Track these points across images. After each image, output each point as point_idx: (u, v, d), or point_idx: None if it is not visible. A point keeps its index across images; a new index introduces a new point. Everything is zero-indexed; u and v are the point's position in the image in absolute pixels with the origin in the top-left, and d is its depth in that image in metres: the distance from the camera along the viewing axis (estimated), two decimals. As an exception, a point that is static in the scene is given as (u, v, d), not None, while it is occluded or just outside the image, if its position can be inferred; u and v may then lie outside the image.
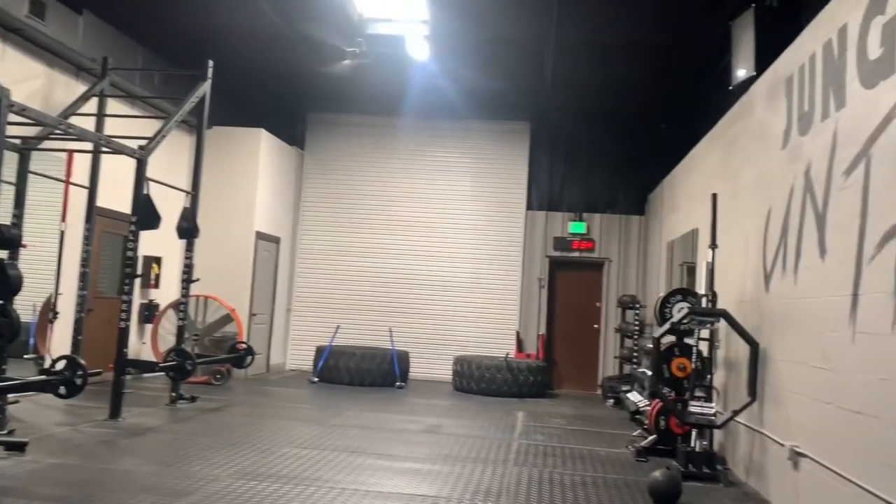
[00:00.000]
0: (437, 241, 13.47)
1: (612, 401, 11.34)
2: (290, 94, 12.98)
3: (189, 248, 8.88)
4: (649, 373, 8.07)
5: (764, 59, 6.57)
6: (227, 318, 11.14)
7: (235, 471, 5.63)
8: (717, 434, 7.06)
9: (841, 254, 4.61)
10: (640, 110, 12.34)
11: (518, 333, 13.16)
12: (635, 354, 11.32)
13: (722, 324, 6.73)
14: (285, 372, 13.16)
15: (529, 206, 13.46)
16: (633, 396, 9.69)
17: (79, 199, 8.70)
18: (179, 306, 9.08)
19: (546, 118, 13.16)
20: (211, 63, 9.07)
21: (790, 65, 5.88)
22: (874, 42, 4.31)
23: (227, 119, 11.59)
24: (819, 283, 4.97)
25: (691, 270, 9.27)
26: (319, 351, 12.15)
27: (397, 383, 11.79)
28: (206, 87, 9.00)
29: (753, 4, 6.95)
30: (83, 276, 8.65)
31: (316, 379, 11.86)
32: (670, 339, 7.51)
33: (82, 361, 6.20)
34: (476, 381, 11.65)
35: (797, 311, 5.39)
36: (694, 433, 6.63)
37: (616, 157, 13.35)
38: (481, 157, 13.56)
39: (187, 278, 8.83)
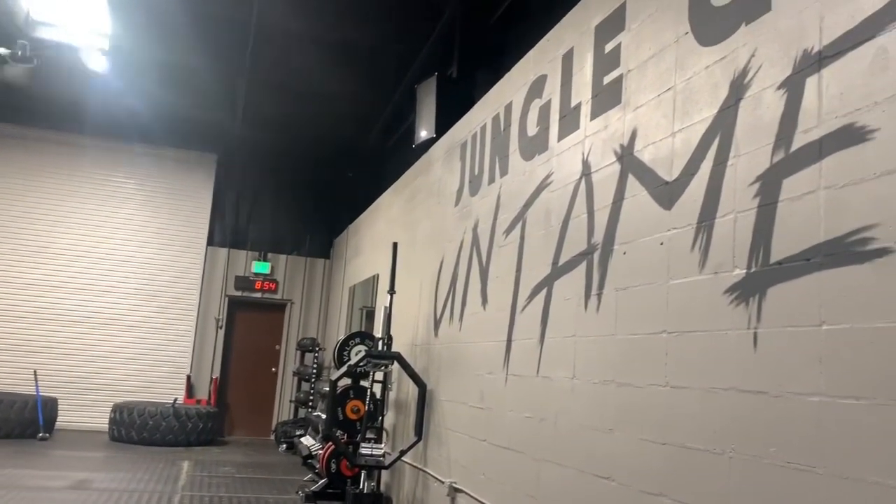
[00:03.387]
0: (100, 275, 12.14)
1: (284, 446, 11.14)
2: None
3: None
4: (324, 416, 8.10)
5: (444, 123, 7.17)
6: None
7: None
8: (385, 474, 7.30)
9: (499, 303, 5.13)
10: (331, 155, 12.65)
11: (189, 377, 12.35)
12: (311, 398, 11.31)
13: (396, 366, 7.03)
14: None
15: (211, 242, 12.85)
16: (307, 441, 9.64)
17: None
18: None
19: (235, 153, 12.79)
20: None
21: (465, 131, 6.49)
22: (532, 121, 4.95)
23: None
24: (481, 330, 5.47)
25: (370, 315, 9.61)
26: (-63, 397, 10.10)
27: (40, 434, 10.25)
28: None
29: (436, 73, 7.57)
30: None
31: (-71, 431, 9.81)
32: (346, 381, 7.64)
33: None
34: (138, 429, 10.62)
35: (461, 355, 5.85)
36: (363, 475, 6.77)
37: (305, 199, 13.44)
38: (161, 186, 12.65)
39: None
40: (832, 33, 2.42)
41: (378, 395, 7.34)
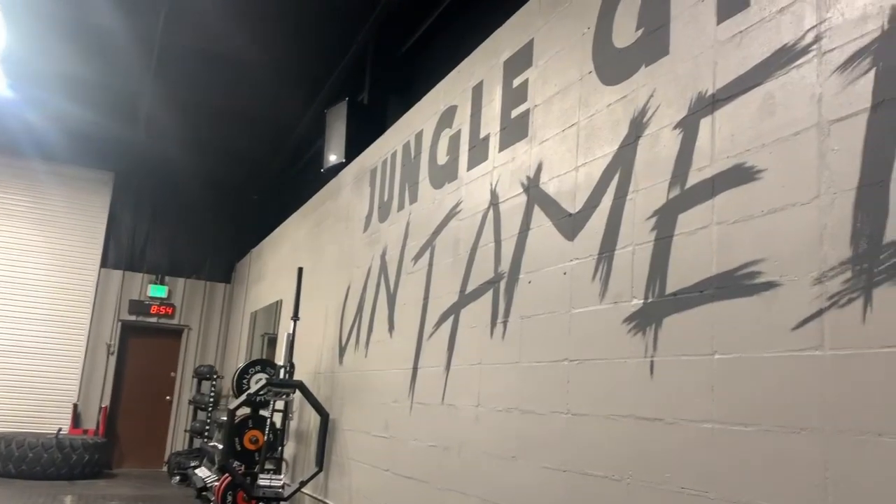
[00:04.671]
0: (-20, 295, 11.33)
1: (178, 478, 10.63)
2: None
3: None
4: (220, 446, 7.79)
5: (354, 149, 7.14)
6: None
7: None
8: (285, 506, 7.07)
9: (406, 331, 5.11)
10: (235, 178, 12.33)
11: (76, 406, 11.63)
12: (208, 428, 10.87)
13: (298, 395, 6.86)
14: None
15: (105, 264, 12.21)
16: (202, 472, 9.23)
17: None
18: None
19: (134, 172, 12.27)
20: None
21: (375, 158, 6.49)
22: (443, 150, 5.00)
23: None
24: (387, 357, 5.42)
25: (272, 341, 9.36)
26: None
27: None
28: None
29: (347, 98, 7.55)
30: None
31: None
32: (246, 410, 7.39)
33: None
34: (15, 462, 9.88)
35: (366, 383, 5.77)
36: (262, 507, 6.53)
37: (206, 221, 12.99)
38: (51, 204, 11.93)
39: None
40: (725, 78, 2.58)
41: (278, 425, 7.13)
